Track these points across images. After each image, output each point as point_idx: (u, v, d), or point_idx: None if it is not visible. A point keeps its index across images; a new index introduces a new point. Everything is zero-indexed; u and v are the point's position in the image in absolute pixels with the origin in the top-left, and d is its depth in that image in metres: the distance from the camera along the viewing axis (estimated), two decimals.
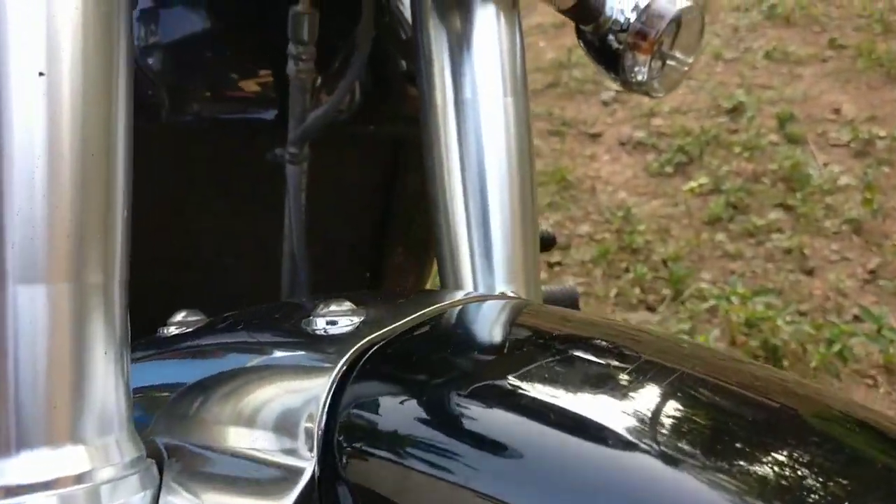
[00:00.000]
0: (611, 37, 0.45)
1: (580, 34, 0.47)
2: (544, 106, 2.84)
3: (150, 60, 0.47)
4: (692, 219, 2.24)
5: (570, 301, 1.00)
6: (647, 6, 0.44)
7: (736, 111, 2.74)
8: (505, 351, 0.28)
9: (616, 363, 0.25)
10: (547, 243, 0.97)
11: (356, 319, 0.28)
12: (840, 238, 2.13)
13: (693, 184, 2.25)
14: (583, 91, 2.94)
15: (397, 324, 0.28)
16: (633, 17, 0.44)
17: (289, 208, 0.45)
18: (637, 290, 1.95)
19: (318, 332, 0.28)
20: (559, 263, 2.10)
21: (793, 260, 2.05)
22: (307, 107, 0.44)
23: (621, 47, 0.45)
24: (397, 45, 0.54)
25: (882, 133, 2.54)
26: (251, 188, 0.55)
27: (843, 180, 2.35)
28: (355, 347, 0.26)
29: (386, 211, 0.62)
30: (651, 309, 1.90)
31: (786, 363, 1.61)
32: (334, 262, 0.62)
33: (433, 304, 0.31)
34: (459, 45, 0.41)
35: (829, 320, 1.74)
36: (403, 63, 0.54)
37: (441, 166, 0.42)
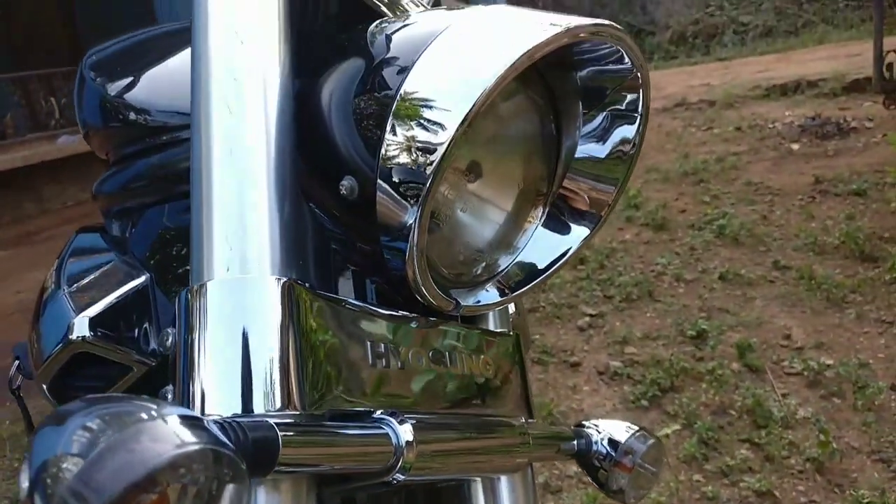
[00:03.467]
0: (596, 462, 0.68)
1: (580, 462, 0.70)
2: None
3: None
4: (669, 456, 2.43)
5: None
6: (621, 445, 0.67)
7: (700, 338, 3.02)
8: None
9: None
10: None
11: None
12: (805, 478, 2.32)
13: (667, 430, 2.46)
14: (559, 316, 3.23)
15: None
16: (612, 452, 0.67)
17: None
18: None
19: None
20: None
21: None
22: None
23: (604, 470, 0.67)
24: None
25: (829, 361, 2.82)
26: None
27: (801, 413, 2.58)
28: None
29: None
30: None
31: None
32: None
33: None
34: None
35: None
36: None
37: None
